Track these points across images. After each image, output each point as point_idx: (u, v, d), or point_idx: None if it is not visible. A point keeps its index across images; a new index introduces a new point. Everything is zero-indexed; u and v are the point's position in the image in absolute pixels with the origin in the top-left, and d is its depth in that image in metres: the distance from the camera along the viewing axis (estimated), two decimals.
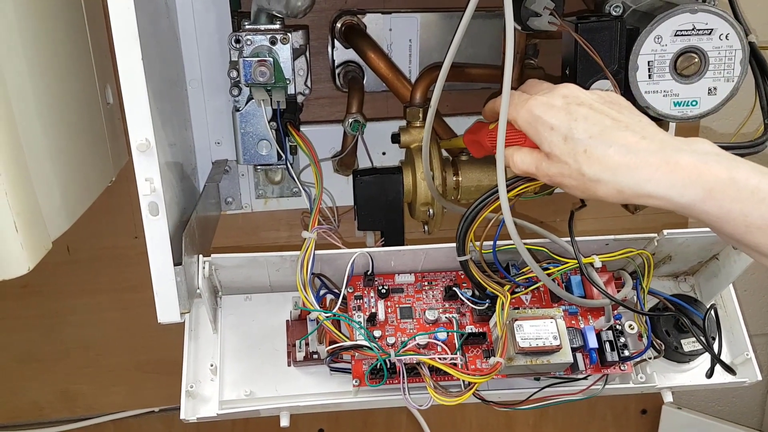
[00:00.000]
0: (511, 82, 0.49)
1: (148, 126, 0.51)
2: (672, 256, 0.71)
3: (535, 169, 0.52)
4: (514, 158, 0.54)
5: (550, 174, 0.51)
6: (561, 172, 0.50)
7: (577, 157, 0.48)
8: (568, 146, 0.49)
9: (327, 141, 0.83)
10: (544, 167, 0.51)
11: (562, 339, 0.59)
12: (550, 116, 0.50)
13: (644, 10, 0.61)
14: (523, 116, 0.52)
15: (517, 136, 0.54)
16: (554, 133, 0.50)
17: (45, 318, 1.02)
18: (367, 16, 0.84)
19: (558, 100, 0.51)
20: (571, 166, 0.49)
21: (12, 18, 0.59)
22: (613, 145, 0.48)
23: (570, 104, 0.50)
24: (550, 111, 0.50)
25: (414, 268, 0.68)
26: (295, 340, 0.65)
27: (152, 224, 0.54)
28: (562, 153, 0.49)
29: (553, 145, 0.50)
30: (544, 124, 0.50)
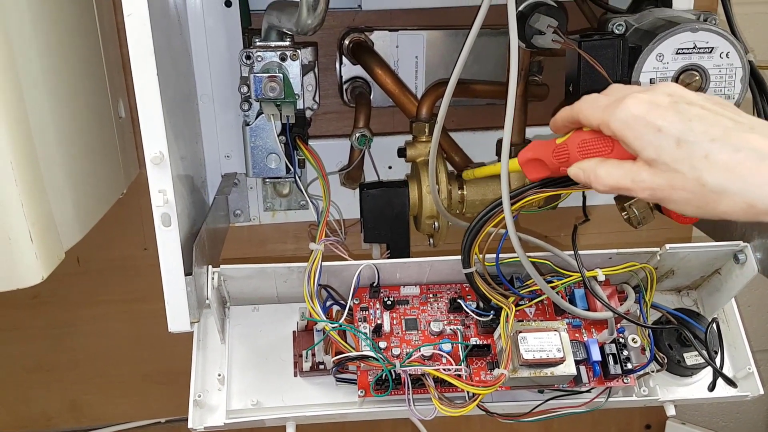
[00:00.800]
0: (515, 98, 0.50)
1: (162, 139, 0.53)
2: (674, 270, 0.72)
3: (630, 182, 0.44)
4: (597, 172, 0.46)
5: (654, 186, 0.43)
6: (671, 184, 0.42)
7: (695, 163, 0.41)
8: (682, 151, 0.41)
9: (334, 155, 0.85)
10: (646, 179, 0.43)
11: (565, 351, 0.60)
12: (657, 116, 0.42)
13: (646, 28, 0.63)
14: (619, 116, 0.44)
15: (601, 145, 0.47)
16: (663, 136, 0.42)
17: (54, 328, 1.03)
18: (374, 34, 0.85)
19: (663, 98, 0.43)
20: (686, 175, 0.41)
21: (29, 33, 0.61)
22: (741, 149, 0.40)
23: (678, 103, 0.43)
24: (656, 110, 0.43)
25: (419, 281, 0.69)
26: (301, 351, 0.66)
27: (164, 235, 0.56)
28: (675, 159, 0.42)
29: (662, 150, 0.42)
30: (648, 126, 0.42)
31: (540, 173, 0.54)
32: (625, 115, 0.44)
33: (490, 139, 0.85)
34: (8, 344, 1.04)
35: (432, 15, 0.87)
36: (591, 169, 0.47)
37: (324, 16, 0.57)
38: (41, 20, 0.63)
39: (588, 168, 0.47)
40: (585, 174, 0.48)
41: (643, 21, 0.64)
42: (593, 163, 0.47)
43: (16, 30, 0.57)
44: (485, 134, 0.87)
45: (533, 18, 0.62)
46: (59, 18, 0.68)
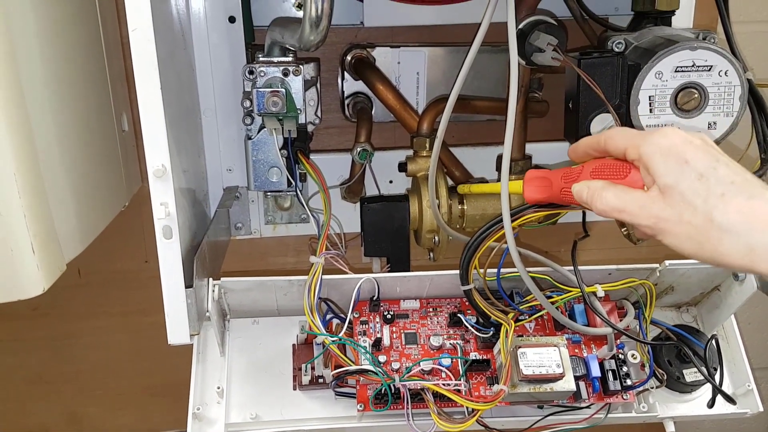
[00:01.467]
0: (515, 113, 0.51)
1: (165, 152, 0.53)
2: (674, 286, 0.72)
3: (637, 208, 0.45)
4: (603, 193, 0.47)
5: (662, 216, 0.44)
6: (679, 216, 0.43)
7: (709, 199, 0.42)
8: (701, 185, 0.42)
9: (335, 169, 0.85)
10: (653, 208, 0.44)
11: (565, 367, 0.60)
12: (688, 149, 0.44)
13: (645, 46, 0.63)
14: (654, 141, 0.45)
15: (616, 170, 0.48)
16: (688, 168, 0.43)
17: (54, 340, 1.04)
18: (376, 50, 0.86)
19: (697, 140, 0.45)
20: (697, 209, 0.42)
21: (34, 45, 0.61)
22: (757, 197, 0.41)
23: (710, 147, 0.44)
24: (689, 145, 0.44)
25: (419, 295, 0.69)
26: (301, 364, 0.66)
27: (166, 247, 0.56)
28: (692, 191, 0.42)
29: (682, 180, 0.43)
30: (678, 155, 0.43)
31: (540, 194, 0.54)
32: (659, 141, 0.45)
33: (490, 154, 0.85)
34: (8, 355, 1.04)
35: (433, 32, 0.88)
36: (598, 188, 0.48)
37: (326, 32, 0.57)
38: (46, 33, 0.64)
39: (595, 187, 0.48)
40: (589, 192, 0.48)
41: (642, 39, 0.65)
42: (601, 184, 0.48)
43: (22, 42, 0.58)
44: (485, 150, 0.87)
45: (533, 36, 0.63)
46: (64, 31, 0.68)
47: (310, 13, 0.55)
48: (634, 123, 0.62)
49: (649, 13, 0.69)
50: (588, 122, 0.62)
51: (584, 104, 0.62)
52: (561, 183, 0.52)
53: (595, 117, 0.62)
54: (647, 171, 0.45)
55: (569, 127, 0.66)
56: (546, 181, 0.54)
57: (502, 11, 0.59)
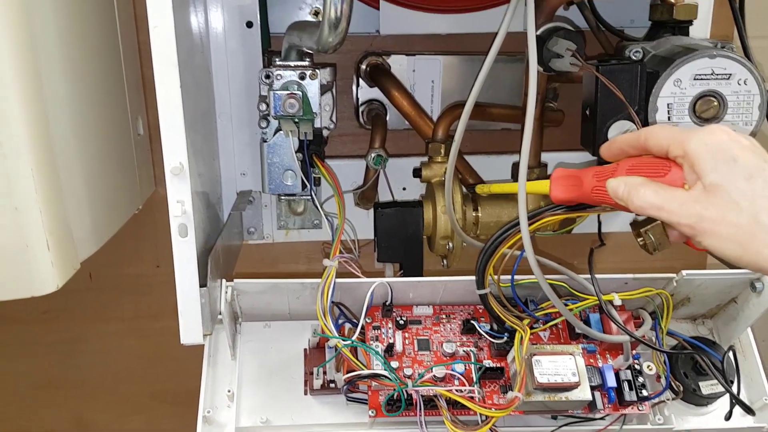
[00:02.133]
0: (533, 116, 0.51)
1: (183, 150, 0.53)
2: (690, 297, 0.71)
3: (677, 206, 0.43)
4: (641, 190, 0.45)
5: (704, 215, 0.42)
6: (722, 216, 0.42)
7: (757, 200, 0.41)
8: (749, 185, 0.41)
9: (349, 175, 0.85)
10: (695, 206, 0.43)
11: (581, 376, 0.59)
12: (736, 147, 0.43)
13: (663, 54, 0.63)
14: (701, 137, 0.43)
15: (656, 167, 0.46)
16: (736, 167, 0.42)
17: (63, 344, 1.03)
18: (391, 58, 0.87)
19: (744, 140, 0.44)
20: (742, 210, 0.41)
21: (55, 49, 0.62)
22: None
23: (756, 147, 0.44)
24: (737, 144, 0.43)
25: (432, 301, 0.68)
26: (312, 368, 0.65)
27: (181, 245, 0.56)
28: (740, 191, 0.41)
29: (730, 179, 0.42)
30: (726, 153, 0.42)
31: (568, 193, 0.52)
32: (707, 138, 0.43)
33: (504, 163, 0.85)
34: (16, 359, 1.04)
35: (448, 41, 0.88)
36: (635, 184, 0.46)
37: (345, 34, 0.58)
38: (66, 36, 0.64)
39: (632, 183, 0.46)
40: (626, 188, 0.46)
41: (660, 48, 0.65)
42: (639, 180, 0.46)
43: (42, 43, 0.59)
44: (500, 158, 0.87)
45: (551, 41, 0.63)
46: (84, 35, 0.69)
47: (329, 14, 0.55)
48: None
49: (667, 22, 0.69)
50: (606, 129, 0.62)
51: (602, 111, 0.62)
52: (593, 181, 0.50)
53: (613, 124, 0.62)
54: (692, 168, 0.44)
55: (586, 134, 0.66)
56: (575, 179, 0.52)
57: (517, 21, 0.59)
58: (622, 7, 0.84)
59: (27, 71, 0.56)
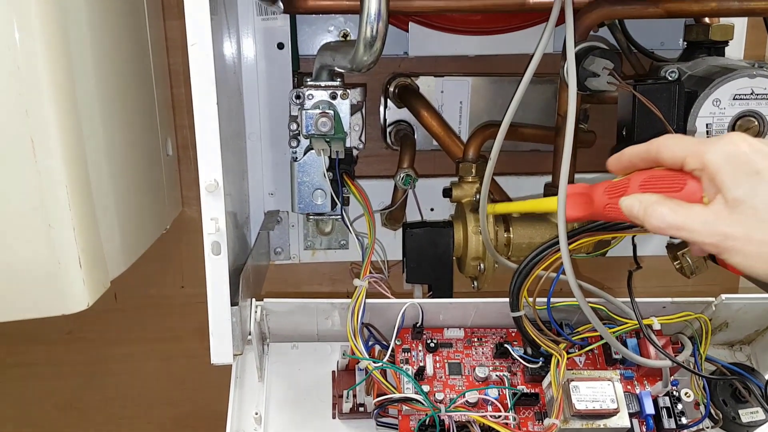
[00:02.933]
0: (574, 126, 0.50)
1: (218, 168, 0.53)
2: (729, 322, 0.69)
3: (700, 224, 0.41)
4: (658, 208, 0.42)
5: (728, 234, 0.40)
6: (749, 233, 0.39)
7: None
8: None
9: (376, 195, 0.85)
10: (719, 224, 0.40)
11: (619, 403, 0.57)
12: (759, 158, 0.39)
13: (701, 74, 0.62)
14: (721, 148, 0.40)
15: (671, 182, 0.44)
16: (760, 181, 0.39)
17: (87, 365, 1.03)
18: (420, 79, 0.87)
19: (765, 148, 0.41)
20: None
21: (90, 68, 0.62)
22: None
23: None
24: (758, 154, 0.40)
25: (463, 323, 0.67)
26: (342, 391, 0.64)
27: (214, 263, 0.55)
28: (764, 207, 0.39)
29: (755, 194, 0.39)
30: (748, 164, 0.39)
31: (581, 211, 0.51)
32: (727, 149, 0.40)
33: (534, 184, 0.85)
34: (41, 380, 1.03)
35: (476, 63, 0.88)
36: (651, 202, 0.43)
37: (380, 53, 0.57)
38: (102, 60, 0.65)
39: (648, 201, 0.43)
40: (641, 206, 0.43)
41: (696, 68, 0.64)
42: (655, 198, 0.43)
43: (78, 63, 0.59)
44: (529, 179, 0.87)
45: (587, 60, 0.62)
46: (118, 58, 0.70)
47: (365, 33, 0.55)
48: None
49: (703, 43, 0.68)
50: None
51: (640, 131, 0.61)
52: (605, 198, 0.48)
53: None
54: (712, 182, 0.41)
55: None
56: (586, 197, 0.50)
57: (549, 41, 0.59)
58: (652, 30, 0.84)
59: (64, 91, 0.56)
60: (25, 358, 1.01)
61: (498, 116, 0.88)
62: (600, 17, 0.63)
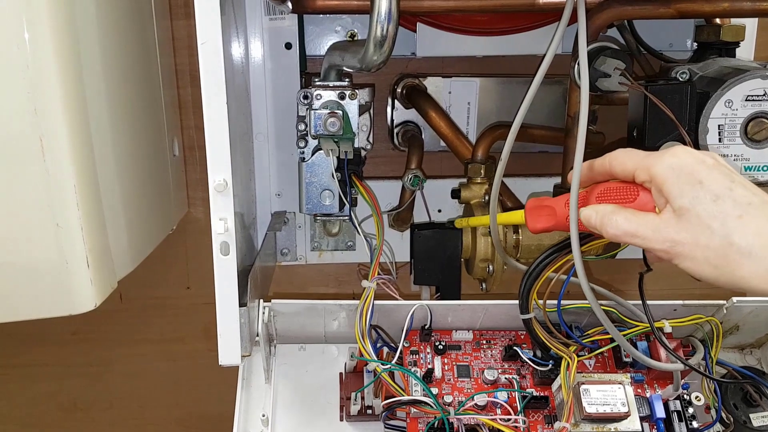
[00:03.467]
0: (585, 130, 0.49)
1: (227, 167, 0.53)
2: (740, 325, 0.69)
3: (651, 232, 0.43)
4: (613, 217, 0.45)
5: (677, 240, 0.42)
6: (696, 239, 0.41)
7: (727, 221, 0.40)
8: (717, 207, 0.41)
9: (383, 197, 0.84)
10: (668, 231, 0.42)
11: (630, 406, 0.57)
12: (702, 170, 0.42)
13: (713, 75, 0.62)
14: (666, 161, 0.43)
15: (624, 193, 0.46)
16: (703, 189, 0.41)
17: (92, 366, 1.02)
18: (427, 80, 0.86)
19: (709, 159, 0.43)
20: (714, 232, 0.41)
21: (98, 67, 0.62)
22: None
23: (723, 166, 0.43)
24: (702, 165, 0.42)
25: (472, 325, 0.66)
26: (349, 393, 0.63)
27: (222, 263, 0.55)
28: (709, 213, 0.41)
29: (698, 202, 0.41)
30: (691, 176, 0.42)
31: (544, 223, 0.53)
32: (672, 162, 0.43)
33: (541, 185, 0.84)
34: (45, 381, 1.03)
35: (484, 63, 0.88)
36: (607, 212, 0.46)
37: (390, 53, 0.57)
38: (110, 59, 0.65)
39: (603, 211, 0.46)
40: (598, 216, 0.46)
41: (707, 69, 0.64)
42: (610, 208, 0.46)
43: (87, 66, 0.59)
44: (538, 180, 0.86)
45: (599, 61, 0.62)
46: (126, 58, 0.70)
47: (375, 33, 0.55)
48: None
49: (714, 44, 0.68)
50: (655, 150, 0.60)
51: (651, 132, 0.61)
52: (565, 210, 0.50)
53: (662, 145, 0.61)
54: (659, 193, 0.44)
55: None
56: (548, 209, 0.52)
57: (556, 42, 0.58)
58: (660, 31, 0.83)
59: (72, 90, 0.56)
60: (30, 358, 1.01)
61: (506, 117, 0.87)
62: (611, 17, 0.63)
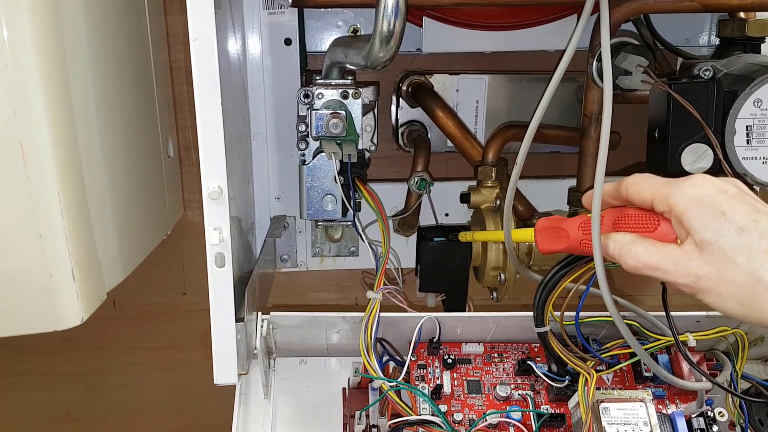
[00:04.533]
0: (608, 134, 0.46)
1: (222, 173, 0.49)
2: (765, 336, 0.65)
3: (672, 265, 0.41)
4: (632, 247, 0.43)
5: (701, 274, 0.40)
6: (721, 274, 0.39)
7: (753, 255, 0.38)
8: (743, 240, 0.39)
9: (387, 200, 0.80)
10: (690, 265, 0.40)
11: (652, 425, 0.54)
12: (724, 200, 0.40)
13: (739, 73, 0.58)
14: (686, 191, 0.41)
15: (644, 222, 0.44)
16: (726, 221, 0.39)
17: (86, 375, 1.00)
18: (434, 77, 0.83)
19: (731, 188, 0.41)
20: (740, 267, 0.38)
21: (86, 66, 0.59)
22: None
23: (745, 195, 0.41)
24: (724, 195, 0.40)
25: (483, 338, 0.63)
26: (353, 411, 0.60)
27: (217, 276, 0.51)
28: (733, 247, 0.39)
29: (722, 235, 0.39)
30: (713, 207, 0.40)
31: (555, 245, 0.50)
32: (692, 192, 0.41)
33: (553, 188, 0.81)
34: (37, 390, 1.00)
35: (492, 59, 0.84)
36: (625, 242, 0.43)
37: (396, 50, 0.54)
38: (97, 54, 0.61)
39: (621, 241, 0.43)
40: (616, 246, 0.44)
41: (732, 66, 0.60)
42: (629, 237, 0.43)
43: (73, 60, 0.55)
44: (550, 183, 0.83)
45: (619, 57, 0.58)
46: (115, 54, 0.66)
47: (381, 28, 0.51)
48: (729, 155, 0.57)
49: (738, 39, 0.64)
50: (679, 153, 0.56)
51: (675, 133, 0.57)
52: (579, 234, 0.48)
53: (687, 147, 0.57)
54: (680, 224, 0.41)
55: (654, 158, 0.60)
56: (561, 231, 0.49)
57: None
58: (677, 26, 0.80)
59: (56, 91, 0.53)
60: (21, 367, 0.98)
61: (516, 116, 0.84)
62: (632, 11, 0.59)
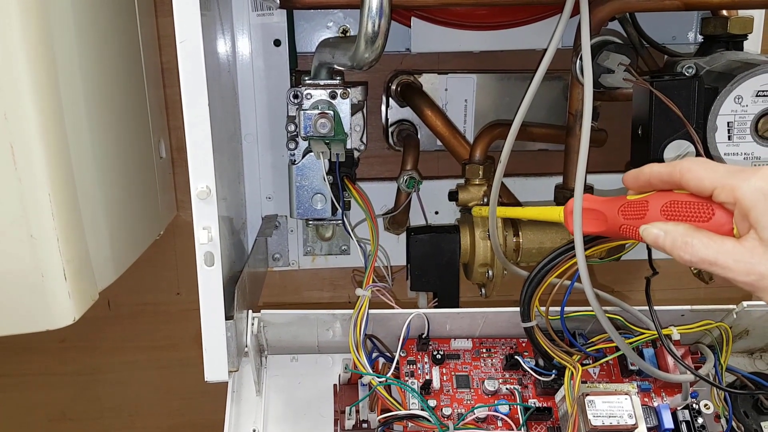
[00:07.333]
0: (589, 132, 0.47)
1: (210, 173, 0.50)
2: (749, 330, 0.66)
3: (732, 261, 0.39)
4: (689, 240, 0.40)
5: (763, 273, 0.38)
6: None
7: None
8: None
9: (377, 199, 0.81)
10: (754, 263, 0.38)
11: (637, 417, 0.55)
12: None
13: (721, 70, 0.59)
14: (755, 183, 0.38)
15: (699, 212, 0.41)
16: None
17: (81, 375, 1.00)
18: (423, 76, 0.83)
19: None
20: None
21: (76, 67, 0.59)
22: None
23: None
24: None
25: (471, 334, 0.64)
26: (344, 407, 0.61)
27: (207, 275, 0.52)
28: None
29: None
30: None
31: (592, 227, 0.48)
32: (761, 185, 0.38)
33: (542, 185, 0.81)
34: (32, 390, 1.00)
35: (481, 59, 0.85)
36: (679, 234, 0.41)
37: (382, 50, 0.54)
38: (88, 55, 0.62)
39: (675, 232, 0.41)
40: (668, 237, 0.41)
41: (714, 63, 0.61)
42: (682, 229, 0.41)
43: (63, 60, 0.56)
44: (538, 180, 0.83)
45: (602, 56, 0.59)
46: (106, 55, 0.67)
47: (366, 29, 0.52)
48: (711, 152, 0.57)
49: (720, 36, 0.65)
50: (662, 149, 0.57)
51: (657, 130, 0.58)
52: (620, 218, 0.45)
53: (669, 144, 0.58)
54: (744, 218, 0.39)
55: (638, 155, 0.61)
56: (597, 213, 0.47)
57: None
58: (663, 24, 0.81)
59: (46, 91, 0.53)
60: (16, 368, 0.99)
61: (504, 114, 0.84)
62: (614, 10, 0.60)
